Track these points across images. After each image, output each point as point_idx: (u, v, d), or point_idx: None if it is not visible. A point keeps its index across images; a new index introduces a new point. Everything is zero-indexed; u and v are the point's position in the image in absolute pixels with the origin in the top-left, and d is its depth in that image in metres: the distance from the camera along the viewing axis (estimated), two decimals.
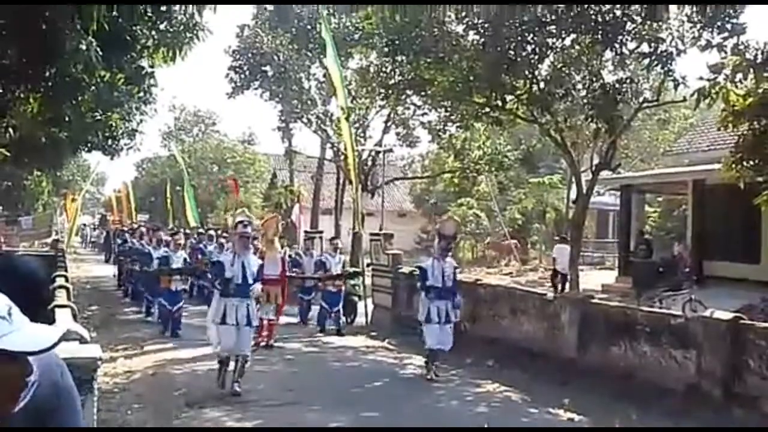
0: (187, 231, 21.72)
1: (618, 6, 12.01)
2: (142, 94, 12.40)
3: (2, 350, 1.58)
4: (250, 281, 8.30)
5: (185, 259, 13.66)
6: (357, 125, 24.00)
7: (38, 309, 2.10)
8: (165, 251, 13.58)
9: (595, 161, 17.82)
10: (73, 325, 5.28)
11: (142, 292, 15.18)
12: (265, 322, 11.21)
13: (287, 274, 12.76)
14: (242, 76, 24.85)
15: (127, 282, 18.21)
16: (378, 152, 25.75)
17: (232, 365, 8.37)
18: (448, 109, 16.27)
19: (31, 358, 1.68)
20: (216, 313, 8.30)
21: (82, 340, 4.52)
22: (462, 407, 8.24)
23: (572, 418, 7.78)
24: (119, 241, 21.62)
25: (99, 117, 12.29)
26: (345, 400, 8.25)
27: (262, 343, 11.15)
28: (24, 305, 1.69)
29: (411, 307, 13.09)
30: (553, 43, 13.11)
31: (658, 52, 12.20)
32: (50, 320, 5.62)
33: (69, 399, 1.95)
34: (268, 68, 24.29)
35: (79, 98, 9.51)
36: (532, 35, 12.50)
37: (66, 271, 11.56)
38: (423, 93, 15.68)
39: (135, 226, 23.15)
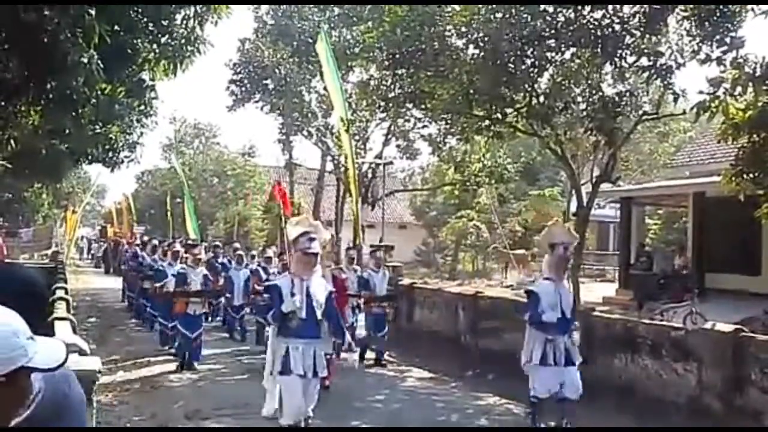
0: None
1: (617, 19, 12.07)
2: (142, 106, 12.44)
3: (34, 368, 1.64)
4: (318, 315, 6.24)
5: (206, 276, 11.27)
6: (357, 137, 24.08)
7: (39, 321, 2.12)
8: (182, 267, 11.46)
9: (596, 174, 17.85)
10: (73, 337, 5.27)
11: (154, 316, 13.55)
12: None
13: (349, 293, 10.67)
14: (243, 89, 24.99)
15: (137, 302, 16.28)
16: (378, 164, 25.81)
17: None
18: (449, 121, 16.33)
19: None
20: (275, 361, 6.21)
21: (81, 353, 4.52)
22: (462, 420, 8.21)
23: (572, 427, 7.75)
24: (127, 255, 19.78)
25: (99, 129, 12.32)
26: (344, 412, 8.22)
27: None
28: (26, 317, 1.71)
29: (412, 319, 13.09)
30: (553, 57, 13.16)
31: (658, 65, 12.25)
32: (50, 332, 5.61)
33: (75, 408, 1.97)
34: (268, 81, 24.42)
35: (80, 111, 9.51)
36: (531, 49, 12.55)
37: (65, 282, 11.55)
38: (423, 106, 15.74)
39: (146, 238, 21.53)
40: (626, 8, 12.19)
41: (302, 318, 6.08)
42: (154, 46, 9.48)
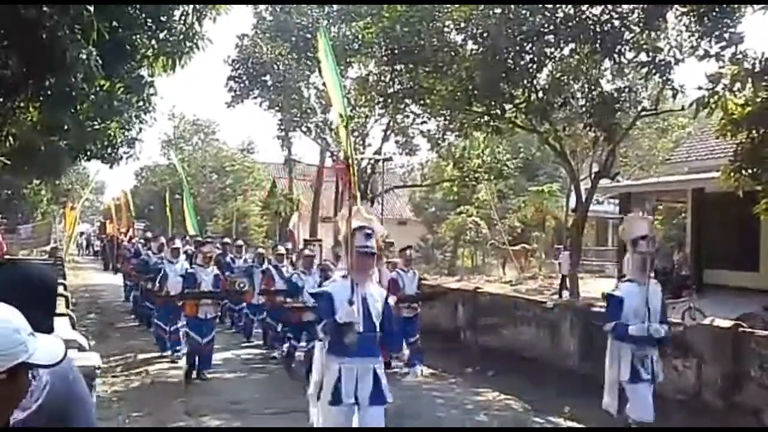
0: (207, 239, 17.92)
1: (616, 15, 12.06)
2: (141, 103, 12.41)
3: (34, 365, 1.65)
4: (378, 328, 5.13)
5: (217, 277, 10.32)
6: (356, 134, 24.05)
7: (50, 317, 2.14)
8: (191, 267, 10.70)
9: (595, 170, 17.84)
10: (72, 333, 5.28)
11: (158, 324, 11.82)
12: None
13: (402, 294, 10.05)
14: (242, 85, 24.95)
15: (140, 305, 14.77)
16: (377, 160, 25.80)
17: None
18: (447, 117, 16.32)
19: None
20: (324, 386, 5.02)
21: (80, 349, 4.53)
22: (462, 416, 8.22)
23: (572, 427, 7.77)
24: (127, 253, 18.68)
25: (98, 126, 12.29)
26: None
27: None
28: (38, 313, 1.72)
29: None
30: (552, 53, 13.15)
31: (657, 61, 12.24)
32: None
33: (80, 403, 2.00)
34: (267, 77, 24.38)
35: (79, 107, 9.52)
36: (530, 45, 12.54)
37: (64, 279, 11.57)
38: (422, 102, 15.73)
39: (149, 234, 20.58)
40: (625, 4, 12.18)
41: (359, 332, 4.91)
42: (153, 42, 9.47)
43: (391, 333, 5.50)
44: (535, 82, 13.64)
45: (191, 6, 9.31)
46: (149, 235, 20.73)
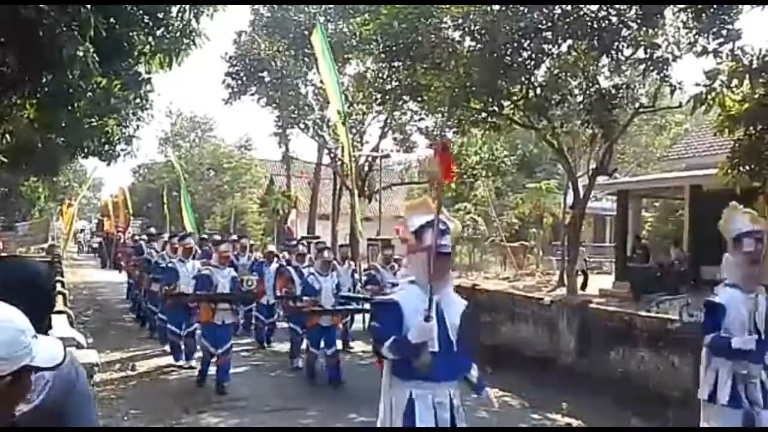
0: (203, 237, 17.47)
1: (614, 12, 12.06)
2: (138, 100, 12.37)
3: (36, 367, 1.64)
4: (455, 345, 4.06)
5: (234, 279, 9.29)
6: (354, 130, 24.04)
7: (45, 314, 2.11)
8: (207, 268, 9.47)
9: (592, 166, 17.85)
10: (70, 330, 5.28)
11: (163, 322, 11.19)
12: None
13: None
14: (239, 82, 24.92)
15: (146, 309, 13.57)
16: (375, 157, 25.79)
17: None
18: (445, 114, 16.29)
19: None
20: (394, 414, 4.04)
21: (78, 346, 4.52)
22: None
23: (570, 423, 7.79)
24: (128, 250, 17.78)
25: (95, 123, 12.27)
26: (343, 405, 8.24)
27: None
28: (31, 310, 1.71)
29: None
30: (550, 49, 13.14)
31: (654, 57, 12.24)
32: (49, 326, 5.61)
33: (82, 402, 1.99)
34: (264, 74, 24.35)
35: (76, 104, 9.49)
36: (528, 41, 12.53)
37: (62, 276, 11.56)
38: (420, 98, 15.71)
39: (152, 230, 19.73)
40: (623, 4, 12.17)
41: (433, 351, 3.91)
42: (150, 39, 9.43)
43: (464, 353, 4.22)
44: (532, 78, 13.63)
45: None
46: (152, 230, 19.93)
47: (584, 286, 17.84)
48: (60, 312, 6.58)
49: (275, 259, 12.77)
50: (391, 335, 3.95)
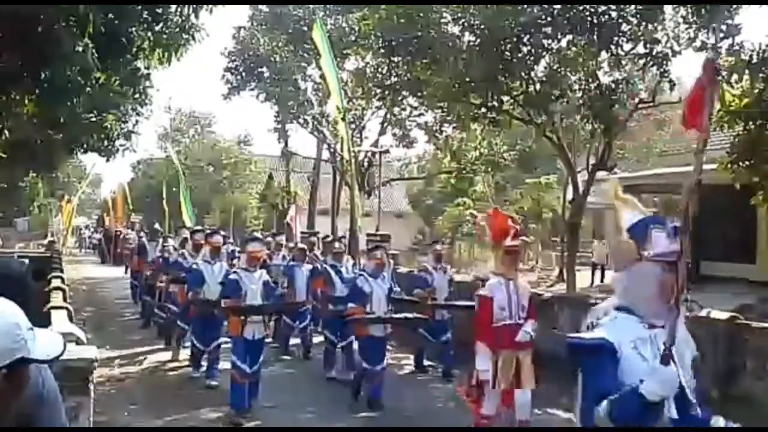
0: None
1: (614, 7, 12.04)
2: (137, 95, 12.36)
3: (33, 360, 1.65)
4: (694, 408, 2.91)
5: (267, 284, 7.91)
6: (353, 126, 24.02)
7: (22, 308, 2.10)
8: (234, 271, 8.14)
9: (592, 162, 17.83)
10: (69, 326, 5.28)
11: (193, 342, 9.53)
12: None
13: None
14: (238, 77, 24.89)
15: (160, 314, 12.19)
16: (374, 153, 25.77)
17: None
18: (445, 110, 16.28)
19: None
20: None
21: (78, 342, 4.52)
22: (460, 408, 8.22)
23: (570, 418, 7.78)
24: (132, 246, 16.80)
25: (94, 118, 12.25)
26: (341, 401, 8.24)
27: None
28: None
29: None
30: (549, 45, 13.12)
31: (654, 53, 12.23)
32: (46, 321, 5.61)
33: (50, 400, 1.97)
34: (264, 69, 24.32)
35: (75, 100, 9.47)
36: (527, 36, 12.51)
37: (62, 272, 11.56)
38: (419, 94, 15.69)
39: (157, 227, 18.84)
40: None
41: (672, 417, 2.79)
42: (149, 34, 9.43)
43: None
44: (532, 74, 13.61)
45: None
46: (157, 227, 19.23)
47: (602, 278, 19.90)
48: (60, 308, 6.59)
49: (305, 257, 11.20)
50: (608, 392, 2.53)
